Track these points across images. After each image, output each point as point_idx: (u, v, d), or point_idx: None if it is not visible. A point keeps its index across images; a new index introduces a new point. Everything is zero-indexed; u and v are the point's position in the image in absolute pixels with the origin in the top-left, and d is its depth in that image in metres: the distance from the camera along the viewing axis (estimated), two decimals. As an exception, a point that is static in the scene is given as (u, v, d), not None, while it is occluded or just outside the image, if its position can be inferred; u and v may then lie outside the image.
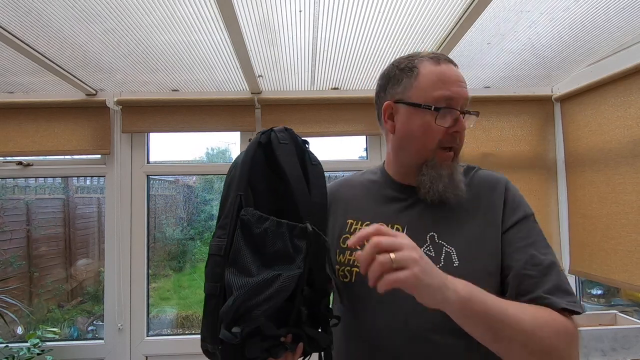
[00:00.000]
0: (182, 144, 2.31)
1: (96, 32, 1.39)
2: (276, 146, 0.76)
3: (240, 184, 0.72)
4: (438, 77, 0.75)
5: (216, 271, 0.68)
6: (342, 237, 0.82)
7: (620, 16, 1.36)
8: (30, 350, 1.79)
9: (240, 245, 0.67)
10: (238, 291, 0.64)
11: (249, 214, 0.69)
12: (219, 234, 0.71)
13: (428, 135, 0.76)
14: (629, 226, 1.62)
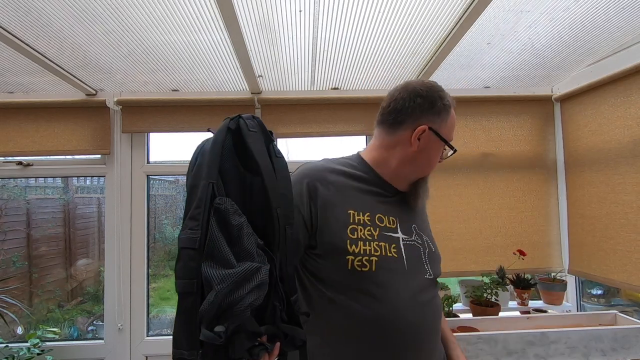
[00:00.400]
0: (182, 144, 2.31)
1: (96, 32, 1.40)
2: (246, 134, 0.72)
3: (210, 171, 0.67)
4: (454, 124, 0.93)
5: (190, 266, 0.62)
6: (348, 226, 0.83)
7: (620, 16, 1.36)
8: (30, 350, 1.79)
9: (217, 236, 0.62)
10: (220, 284, 0.59)
11: (226, 202, 0.65)
12: (190, 225, 0.64)
13: (435, 162, 0.94)
14: (628, 226, 1.62)
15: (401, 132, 0.89)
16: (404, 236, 0.89)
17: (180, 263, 0.64)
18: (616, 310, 1.72)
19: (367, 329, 0.80)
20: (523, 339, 1.39)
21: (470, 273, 2.03)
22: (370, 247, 0.82)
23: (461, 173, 2.08)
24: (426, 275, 0.89)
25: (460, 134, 2.09)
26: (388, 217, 0.88)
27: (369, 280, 0.81)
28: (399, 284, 0.83)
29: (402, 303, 0.82)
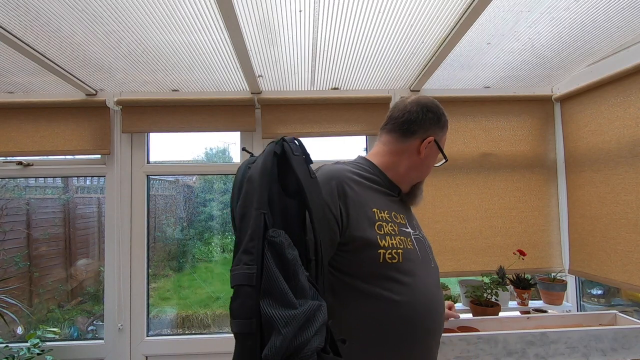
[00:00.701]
0: (182, 144, 2.31)
1: (96, 32, 1.40)
2: (291, 157, 0.73)
3: (261, 200, 0.65)
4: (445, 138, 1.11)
5: (248, 304, 0.60)
6: (376, 223, 0.91)
7: (620, 16, 1.36)
8: (30, 350, 1.79)
9: (274, 272, 0.60)
10: (285, 328, 0.57)
11: (280, 235, 0.64)
12: (245, 260, 0.62)
13: (429, 167, 1.08)
14: (629, 226, 1.62)
15: (412, 141, 1.02)
16: (412, 231, 1.00)
17: (237, 301, 0.62)
18: (616, 310, 1.72)
19: (401, 313, 0.88)
20: (523, 339, 1.39)
21: (470, 273, 2.03)
22: (395, 241, 0.92)
23: (461, 173, 2.08)
24: (432, 264, 1.01)
25: (460, 134, 2.09)
26: (399, 215, 0.99)
27: (397, 270, 0.90)
28: (420, 272, 0.94)
29: (424, 288, 0.93)
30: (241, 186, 0.71)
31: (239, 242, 0.66)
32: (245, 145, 2.11)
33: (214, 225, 2.65)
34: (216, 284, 2.63)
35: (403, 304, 0.88)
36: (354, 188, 0.93)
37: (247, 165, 0.75)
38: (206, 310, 2.49)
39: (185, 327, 2.47)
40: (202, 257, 2.70)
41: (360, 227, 0.88)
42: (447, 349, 1.39)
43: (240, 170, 0.76)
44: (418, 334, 0.90)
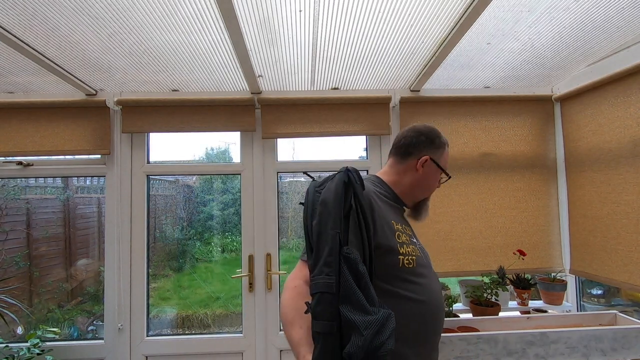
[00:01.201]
0: (182, 144, 2.31)
1: (96, 32, 1.40)
2: (355, 186, 0.86)
3: (336, 222, 0.80)
4: (447, 159, 1.19)
5: (330, 309, 0.74)
6: (395, 233, 1.02)
7: (620, 16, 1.36)
8: (30, 350, 1.79)
9: (350, 282, 0.73)
10: (366, 330, 0.69)
11: (353, 252, 0.77)
12: (326, 271, 0.77)
13: (434, 186, 1.18)
14: (630, 226, 1.62)
15: (409, 161, 1.15)
16: (416, 240, 1.11)
17: (320, 306, 0.76)
18: (616, 310, 1.72)
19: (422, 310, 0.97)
20: (523, 339, 1.39)
21: (470, 273, 2.03)
22: (410, 248, 1.02)
23: (461, 173, 2.08)
24: (432, 269, 1.11)
25: (460, 134, 2.09)
26: (407, 227, 1.11)
27: (413, 273, 0.99)
28: (429, 275, 1.04)
29: (434, 290, 1.03)
30: (314, 207, 0.87)
31: (318, 256, 0.81)
32: (245, 145, 2.11)
33: (213, 225, 2.65)
34: (216, 284, 2.63)
35: (423, 303, 0.98)
36: (378, 202, 1.03)
37: (315, 188, 0.91)
38: (206, 310, 2.50)
39: (185, 327, 2.47)
40: (202, 257, 2.70)
41: (385, 235, 0.97)
42: (447, 349, 1.39)
43: (310, 193, 0.92)
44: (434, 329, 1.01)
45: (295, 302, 0.91)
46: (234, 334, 2.08)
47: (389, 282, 0.96)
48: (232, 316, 2.42)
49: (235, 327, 2.24)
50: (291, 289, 0.94)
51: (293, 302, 0.91)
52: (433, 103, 2.07)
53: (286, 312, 0.91)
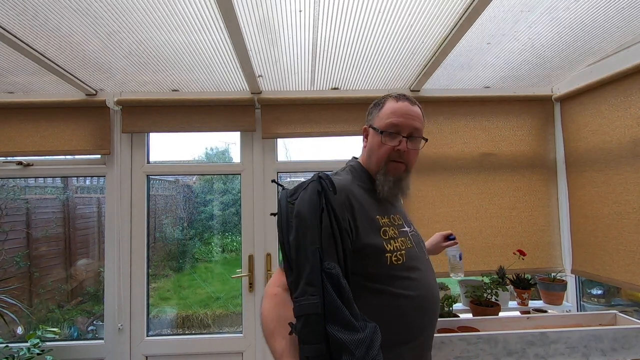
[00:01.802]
0: (182, 144, 2.31)
1: (96, 32, 1.40)
2: (330, 195, 0.84)
3: (314, 236, 0.78)
4: (392, 110, 1.06)
5: (318, 330, 0.72)
6: (380, 229, 0.98)
7: (620, 16, 1.36)
8: (30, 350, 1.79)
9: (336, 299, 0.72)
10: (357, 349, 0.68)
11: (335, 267, 0.76)
12: (310, 291, 0.75)
13: (379, 150, 1.05)
14: (630, 226, 1.62)
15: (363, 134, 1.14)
16: (408, 228, 1.07)
17: (307, 328, 0.73)
18: (616, 310, 1.72)
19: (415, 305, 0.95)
20: (523, 339, 1.39)
21: (470, 273, 2.03)
22: (398, 243, 0.99)
23: (461, 173, 2.08)
24: (425, 257, 1.08)
25: (460, 134, 2.09)
26: (396, 216, 1.06)
27: (403, 269, 0.96)
28: (421, 266, 1.01)
29: (427, 282, 1.00)
30: (288, 219, 0.84)
31: (299, 274, 0.79)
32: (245, 145, 2.11)
33: (214, 225, 2.65)
34: (216, 284, 2.63)
35: (416, 298, 0.96)
36: (358, 198, 0.99)
37: (287, 199, 0.87)
38: (206, 310, 2.49)
39: (185, 327, 2.47)
40: (202, 257, 2.70)
41: (369, 235, 0.94)
42: (447, 349, 1.39)
43: (282, 204, 0.88)
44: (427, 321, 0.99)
45: (276, 312, 0.87)
46: (234, 334, 2.08)
47: (379, 281, 0.94)
48: (232, 316, 2.42)
49: (235, 327, 2.24)
50: (271, 297, 0.91)
51: (274, 312, 0.87)
52: (433, 103, 2.07)
53: (267, 322, 0.88)
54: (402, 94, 1.09)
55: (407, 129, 1.04)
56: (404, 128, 1.04)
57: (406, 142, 1.03)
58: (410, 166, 1.08)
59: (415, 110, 1.07)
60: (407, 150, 1.04)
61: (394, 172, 1.05)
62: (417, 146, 1.07)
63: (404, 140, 1.03)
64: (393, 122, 1.03)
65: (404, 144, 1.03)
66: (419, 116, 1.08)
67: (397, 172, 1.05)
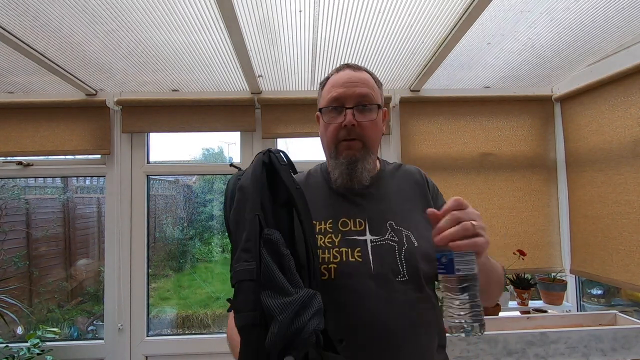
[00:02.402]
0: (182, 144, 2.31)
1: (96, 32, 1.40)
2: (278, 167, 0.74)
3: (254, 204, 0.68)
4: (331, 85, 0.90)
5: (251, 297, 0.63)
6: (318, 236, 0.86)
7: (620, 16, 1.36)
8: (30, 350, 1.79)
9: (271, 265, 0.64)
10: (282, 314, 0.59)
11: (275, 233, 0.67)
12: (245, 257, 0.65)
13: (327, 132, 0.90)
14: (630, 226, 1.62)
15: None
16: (372, 237, 0.85)
17: (240, 297, 0.64)
18: (616, 310, 1.72)
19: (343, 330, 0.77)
20: (523, 339, 1.39)
21: (471, 273, 2.03)
22: (330, 254, 0.83)
23: (461, 173, 2.08)
24: (399, 276, 0.82)
25: (460, 134, 2.09)
26: (355, 220, 0.87)
27: (329, 287, 0.78)
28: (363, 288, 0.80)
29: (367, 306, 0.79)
30: (232, 196, 0.73)
31: (235, 246, 0.69)
32: (245, 145, 2.11)
33: (214, 225, 2.65)
34: (216, 284, 2.64)
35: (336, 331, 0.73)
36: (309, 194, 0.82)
37: (237, 177, 0.75)
38: (206, 310, 2.50)
39: (185, 327, 2.47)
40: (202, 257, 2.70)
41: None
42: (447, 349, 1.38)
43: (230, 183, 0.77)
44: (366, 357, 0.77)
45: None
46: (234, 334, 2.07)
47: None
48: (232, 316, 2.42)
49: (235, 327, 2.24)
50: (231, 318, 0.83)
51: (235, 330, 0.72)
52: (433, 103, 2.07)
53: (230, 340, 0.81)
54: (346, 64, 0.93)
55: (351, 98, 0.86)
56: (347, 98, 0.86)
57: (352, 114, 0.85)
58: (369, 143, 0.88)
59: (358, 75, 0.89)
60: (355, 123, 0.85)
61: (345, 153, 0.87)
62: (370, 116, 0.87)
63: (349, 112, 0.85)
64: (333, 95, 0.87)
65: (349, 116, 0.85)
66: (366, 81, 0.89)
67: (349, 152, 0.87)
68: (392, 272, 0.82)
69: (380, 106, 0.89)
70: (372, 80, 0.91)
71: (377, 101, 0.89)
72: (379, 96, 0.91)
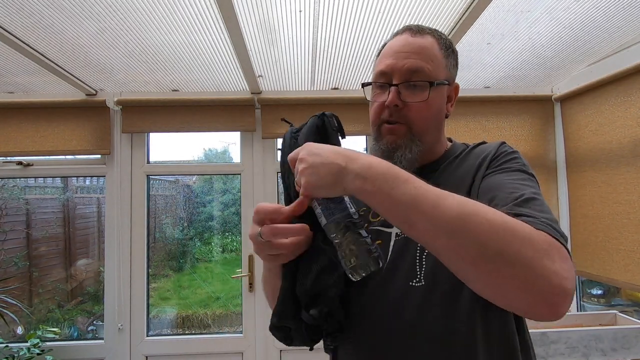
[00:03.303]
0: (182, 144, 2.31)
1: (97, 32, 1.39)
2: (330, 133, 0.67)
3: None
4: (384, 54, 0.78)
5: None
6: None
7: (620, 16, 1.36)
8: (30, 350, 1.79)
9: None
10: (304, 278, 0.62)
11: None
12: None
13: (370, 112, 0.77)
14: (631, 226, 1.62)
15: None
16: (399, 231, 0.72)
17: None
18: (616, 310, 1.72)
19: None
20: (523, 339, 1.39)
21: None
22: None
23: (461, 173, 2.08)
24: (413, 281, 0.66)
25: (460, 134, 2.08)
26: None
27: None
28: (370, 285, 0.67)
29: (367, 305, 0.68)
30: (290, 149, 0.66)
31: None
32: (245, 145, 2.11)
33: (214, 225, 2.65)
34: (216, 284, 2.63)
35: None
36: None
37: (291, 134, 0.70)
38: (206, 310, 2.50)
39: (185, 327, 2.47)
40: (202, 257, 2.70)
41: None
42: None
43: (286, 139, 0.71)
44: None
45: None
46: (233, 334, 2.08)
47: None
48: (232, 316, 2.42)
49: (235, 327, 2.24)
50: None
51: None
52: (433, 103, 2.07)
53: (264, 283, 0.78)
54: (408, 26, 0.78)
55: (399, 72, 0.71)
56: (394, 72, 0.71)
57: (397, 93, 0.70)
58: (417, 128, 0.72)
59: (417, 42, 0.73)
60: (399, 104, 0.70)
61: (387, 138, 0.73)
62: (421, 96, 0.70)
63: (394, 90, 0.70)
64: (380, 69, 0.74)
65: (392, 95, 0.70)
66: (424, 49, 0.72)
67: (391, 137, 0.73)
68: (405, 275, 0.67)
69: (433, 84, 0.71)
70: (436, 48, 0.73)
71: (432, 77, 0.71)
72: (442, 69, 0.73)
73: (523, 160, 0.71)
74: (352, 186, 0.52)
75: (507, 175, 0.65)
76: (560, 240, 0.50)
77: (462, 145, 0.81)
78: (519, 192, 0.59)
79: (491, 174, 0.67)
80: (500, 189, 0.62)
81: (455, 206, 0.48)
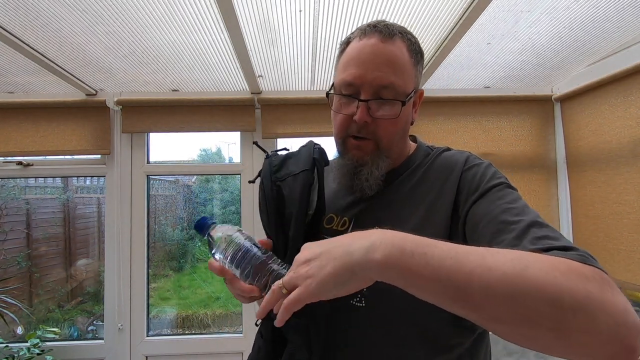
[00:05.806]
0: (182, 144, 2.31)
1: (96, 32, 1.40)
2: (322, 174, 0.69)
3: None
4: (349, 57, 0.67)
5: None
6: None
7: (620, 16, 1.36)
8: (30, 350, 1.79)
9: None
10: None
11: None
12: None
13: (335, 123, 0.71)
14: (631, 226, 1.62)
15: None
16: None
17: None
18: (616, 310, 1.71)
19: None
20: (523, 339, 1.40)
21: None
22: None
23: (461, 173, 2.08)
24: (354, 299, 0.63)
25: (460, 134, 2.08)
26: (341, 217, 0.73)
27: None
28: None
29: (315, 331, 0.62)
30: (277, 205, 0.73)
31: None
32: (245, 145, 2.11)
33: (213, 225, 2.65)
34: (216, 284, 2.63)
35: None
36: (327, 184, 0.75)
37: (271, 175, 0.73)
38: (206, 310, 2.50)
39: (185, 327, 2.47)
40: (202, 257, 2.70)
41: None
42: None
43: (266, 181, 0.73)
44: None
45: None
46: (234, 334, 2.07)
47: None
48: (232, 316, 2.43)
49: (235, 327, 2.24)
50: None
51: None
52: (433, 103, 2.06)
53: None
54: (375, 25, 0.67)
55: (368, 86, 0.65)
56: (363, 85, 0.65)
57: (366, 109, 0.65)
58: (385, 144, 0.68)
59: (387, 50, 0.65)
60: (369, 120, 0.65)
61: (353, 153, 0.69)
62: (391, 112, 0.65)
63: (363, 106, 0.64)
64: (346, 79, 0.66)
65: (361, 111, 0.64)
66: (394, 60, 0.65)
67: (357, 153, 0.68)
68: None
69: (404, 102, 0.66)
70: (406, 56, 0.67)
71: (403, 92, 0.66)
72: (411, 80, 0.68)
73: (499, 172, 0.68)
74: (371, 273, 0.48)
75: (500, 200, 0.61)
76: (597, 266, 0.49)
77: (427, 149, 0.77)
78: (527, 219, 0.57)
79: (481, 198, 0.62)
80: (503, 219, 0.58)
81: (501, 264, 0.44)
